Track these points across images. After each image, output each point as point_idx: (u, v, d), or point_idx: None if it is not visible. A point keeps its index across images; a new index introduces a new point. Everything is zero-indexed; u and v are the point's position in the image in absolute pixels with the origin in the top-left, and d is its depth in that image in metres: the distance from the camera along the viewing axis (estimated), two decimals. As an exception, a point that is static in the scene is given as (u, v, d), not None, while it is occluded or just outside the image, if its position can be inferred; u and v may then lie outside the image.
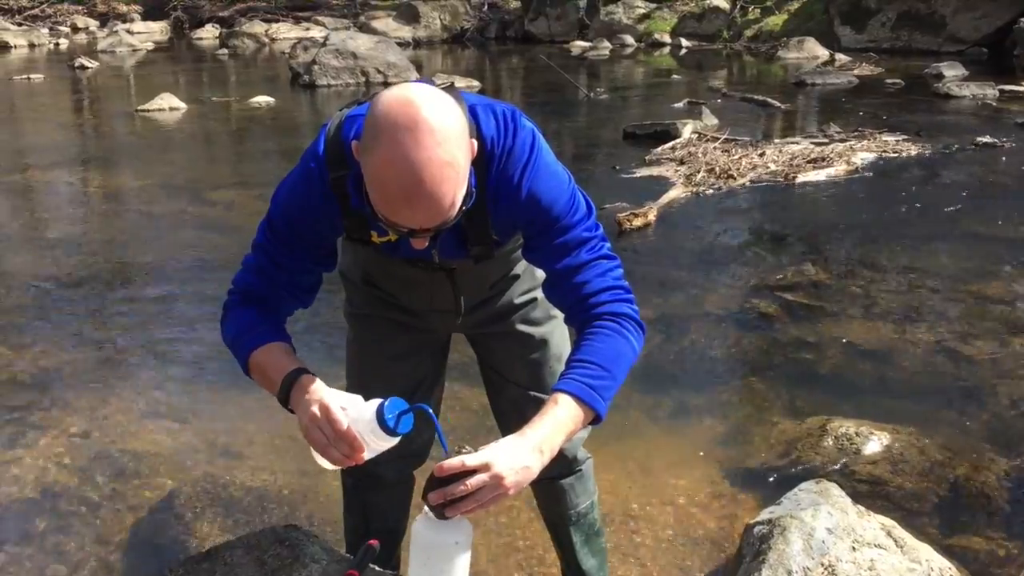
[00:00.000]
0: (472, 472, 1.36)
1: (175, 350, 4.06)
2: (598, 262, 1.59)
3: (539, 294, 1.89)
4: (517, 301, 1.92)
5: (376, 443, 1.44)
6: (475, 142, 1.45)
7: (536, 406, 1.51)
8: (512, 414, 1.89)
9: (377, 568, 1.69)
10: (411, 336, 1.94)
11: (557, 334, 1.97)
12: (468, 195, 1.41)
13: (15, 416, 3.40)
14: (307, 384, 1.49)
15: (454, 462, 1.37)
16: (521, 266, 1.89)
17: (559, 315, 1.92)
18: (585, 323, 1.57)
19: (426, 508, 1.42)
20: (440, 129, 1.32)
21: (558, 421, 1.46)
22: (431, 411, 1.44)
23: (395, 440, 1.45)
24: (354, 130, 1.51)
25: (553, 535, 2.22)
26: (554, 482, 2.07)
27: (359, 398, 1.49)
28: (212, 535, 2.66)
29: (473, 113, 1.50)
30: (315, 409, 1.44)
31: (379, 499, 2.08)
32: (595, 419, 1.51)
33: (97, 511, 2.81)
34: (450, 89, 1.46)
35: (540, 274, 1.79)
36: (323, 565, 1.67)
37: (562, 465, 2.02)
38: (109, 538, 2.68)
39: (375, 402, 1.44)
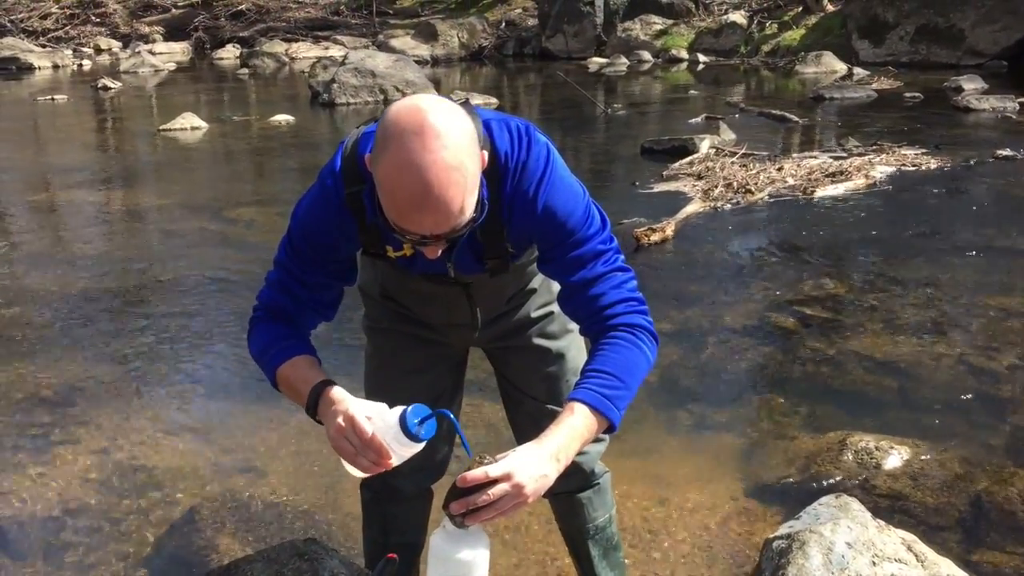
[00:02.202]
0: (494, 482, 1.38)
1: (196, 366, 4.09)
2: (613, 274, 1.61)
3: (556, 308, 1.90)
4: (534, 315, 1.93)
5: (402, 450, 1.46)
6: (486, 153, 1.47)
7: (553, 420, 1.52)
8: (530, 428, 1.89)
9: (395, 581, 1.69)
10: (429, 350, 1.96)
11: (574, 348, 1.98)
12: (480, 206, 1.43)
13: (39, 432, 3.43)
14: (333, 395, 1.51)
15: (478, 473, 1.39)
16: (538, 280, 1.90)
17: (575, 329, 1.93)
18: (600, 334, 1.59)
19: (444, 520, 1.43)
20: (446, 134, 1.34)
21: (573, 430, 1.48)
22: (453, 416, 1.45)
23: (420, 446, 1.46)
24: (369, 145, 1.54)
25: (571, 549, 2.22)
26: (572, 496, 2.07)
27: (384, 407, 1.51)
28: (232, 549, 2.68)
29: (487, 128, 1.52)
30: (341, 420, 1.47)
31: (398, 512, 2.09)
32: (609, 428, 1.52)
33: (119, 526, 2.83)
34: (464, 105, 1.48)
35: (556, 288, 1.80)
36: (342, 578, 1.68)
37: (580, 479, 2.03)
38: (131, 553, 2.70)
39: (398, 410, 1.46)
